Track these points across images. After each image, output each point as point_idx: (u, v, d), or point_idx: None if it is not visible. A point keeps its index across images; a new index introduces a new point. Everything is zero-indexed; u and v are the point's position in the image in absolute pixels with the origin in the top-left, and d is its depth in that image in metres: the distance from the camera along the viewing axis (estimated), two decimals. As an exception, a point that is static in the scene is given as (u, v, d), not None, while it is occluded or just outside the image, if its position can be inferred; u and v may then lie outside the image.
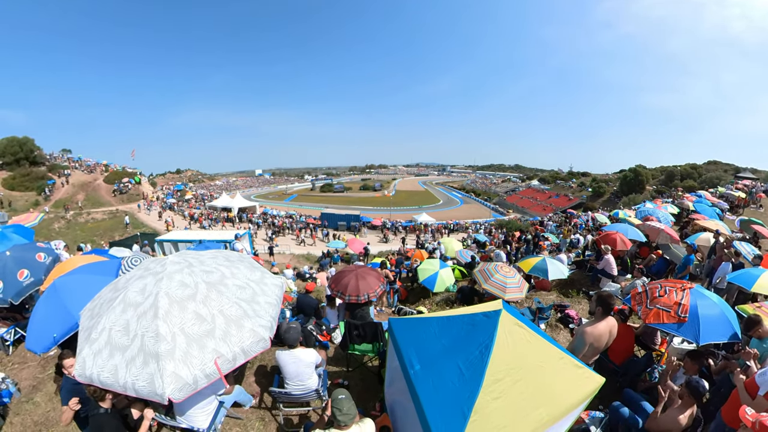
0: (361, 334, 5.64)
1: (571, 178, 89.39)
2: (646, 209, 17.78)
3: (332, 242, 27.28)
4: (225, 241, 16.90)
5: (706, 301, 4.92)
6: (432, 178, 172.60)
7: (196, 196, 54.04)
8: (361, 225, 41.35)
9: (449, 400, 3.02)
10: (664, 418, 3.74)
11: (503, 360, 3.23)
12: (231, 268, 4.16)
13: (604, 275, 9.63)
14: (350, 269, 7.57)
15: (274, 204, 68.84)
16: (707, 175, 55.12)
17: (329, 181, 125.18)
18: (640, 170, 61.86)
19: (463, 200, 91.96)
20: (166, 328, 3.22)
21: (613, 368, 5.28)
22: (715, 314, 4.77)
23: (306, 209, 60.08)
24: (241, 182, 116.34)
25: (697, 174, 57.27)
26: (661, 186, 55.92)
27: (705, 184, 43.16)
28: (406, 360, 3.53)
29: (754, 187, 32.22)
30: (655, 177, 62.54)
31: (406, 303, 11.37)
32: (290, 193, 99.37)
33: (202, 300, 3.52)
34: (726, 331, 4.68)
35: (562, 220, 31.43)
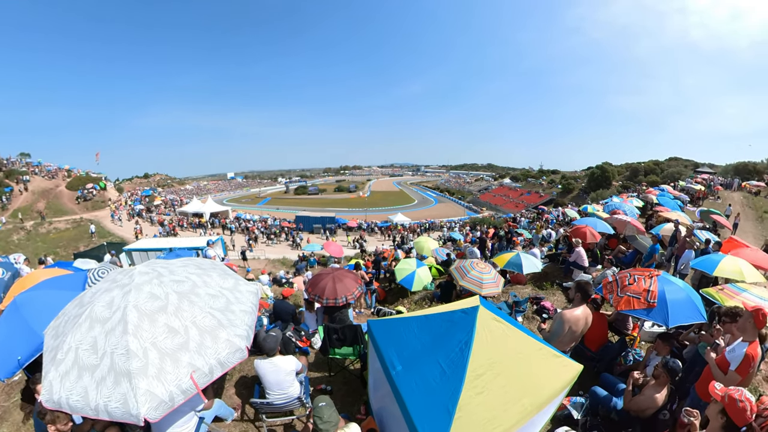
0: (341, 338, 5.55)
1: (542, 175, 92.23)
2: (613, 203, 18.65)
3: (308, 245, 26.90)
4: (197, 248, 16.36)
5: (672, 286, 5.17)
6: (407, 179, 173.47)
7: (165, 202, 51.67)
8: (336, 227, 41.15)
9: (433, 398, 3.02)
10: (642, 398, 3.89)
11: (483, 355, 3.27)
12: (203, 276, 3.99)
13: (576, 267, 9.91)
14: (327, 272, 7.47)
15: (247, 208, 66.93)
16: (669, 170, 57.66)
17: (303, 184, 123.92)
18: (606, 167, 64.30)
19: (437, 200, 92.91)
20: (136, 344, 3.04)
21: (589, 355, 5.49)
22: (682, 298, 5.03)
23: (280, 212, 59.30)
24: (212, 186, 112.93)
25: (659, 170, 59.93)
26: (626, 181, 58.21)
27: (667, 179, 45.19)
28: (387, 361, 3.53)
29: (711, 181, 35.23)
30: (621, 173, 65.11)
31: (384, 303, 11.36)
32: (264, 197, 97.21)
33: (173, 312, 3.35)
34: (692, 313, 4.92)
35: (534, 216, 32.31)
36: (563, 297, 8.94)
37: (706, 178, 37.45)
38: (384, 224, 44.24)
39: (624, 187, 49.35)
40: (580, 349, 5.43)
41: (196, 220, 38.47)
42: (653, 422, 3.85)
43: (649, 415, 3.87)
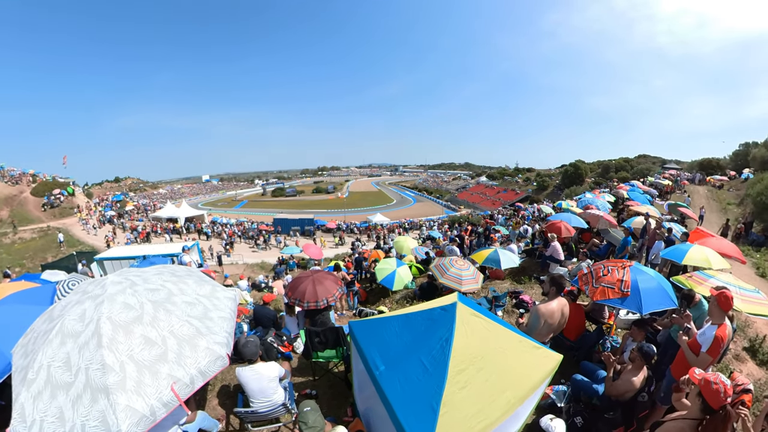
0: (323, 341, 5.48)
1: (518, 173, 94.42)
2: (586, 199, 19.29)
3: (287, 248, 26.48)
4: (172, 255, 15.84)
5: (644, 275, 5.38)
6: (385, 179, 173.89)
7: (137, 207, 49.61)
8: (315, 229, 40.85)
9: (417, 396, 3.04)
10: (621, 382, 4.08)
11: (465, 350, 3.32)
12: (178, 284, 3.90)
13: (552, 261, 10.18)
14: (306, 275, 7.38)
15: (223, 212, 65.76)
16: (638, 167, 59.86)
17: (281, 185, 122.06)
18: (579, 165, 66.80)
19: (416, 199, 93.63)
20: (112, 358, 2.91)
21: (568, 344, 5.67)
22: (654, 286, 5.24)
23: (258, 215, 58.39)
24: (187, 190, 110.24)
25: (629, 166, 62.23)
26: (598, 178, 60.34)
27: (637, 175, 47.10)
28: (370, 362, 3.53)
29: (678, 176, 36.79)
30: (593, 170, 67.40)
31: (366, 304, 11.34)
32: (240, 199, 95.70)
33: (149, 322, 3.24)
34: (664, 300, 5.15)
35: (511, 213, 32.86)
36: (541, 290, 9.13)
37: (673, 174, 39.34)
38: (363, 225, 44.32)
39: (596, 184, 51.09)
40: (559, 339, 5.60)
41: (171, 226, 37.11)
42: (633, 404, 4.07)
43: (629, 398, 4.07)
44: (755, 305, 5.39)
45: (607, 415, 4.10)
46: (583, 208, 15.73)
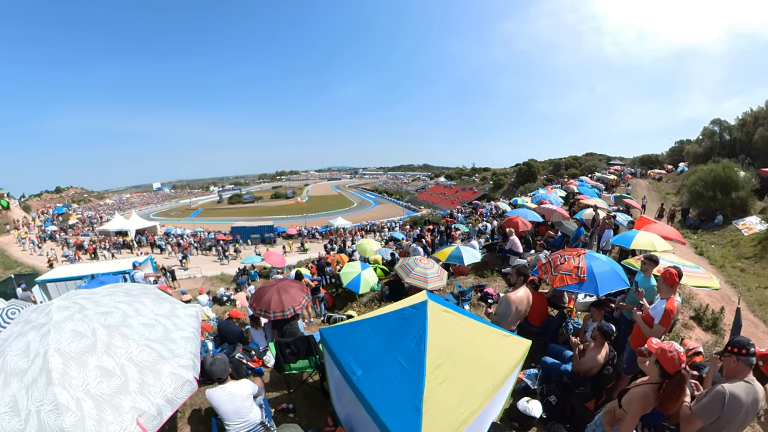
0: (295, 351, 5.30)
1: (475, 173, 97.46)
2: (540, 195, 20.23)
3: (247, 258, 25.49)
4: (123, 272, 14.77)
5: (597, 261, 5.78)
6: (345, 182, 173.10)
7: (82, 220, 45.76)
8: (276, 236, 39.89)
9: (399, 396, 3.05)
10: (586, 359, 4.44)
11: (439, 346, 3.38)
12: (133, 304, 3.62)
13: (511, 254, 10.57)
14: (270, 284, 7.13)
15: (177, 222, 61.93)
16: (586, 164, 64.29)
17: (238, 192, 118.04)
18: (532, 163, 70.17)
19: (376, 201, 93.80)
20: (66, 395, 2.59)
21: (534, 330, 5.94)
22: (607, 270, 5.66)
23: (214, 224, 55.67)
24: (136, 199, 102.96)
25: (578, 164, 66.52)
26: (550, 175, 63.48)
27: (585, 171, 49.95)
28: (346, 367, 3.49)
29: (622, 171, 40.80)
30: (545, 168, 70.84)
31: (334, 310, 11.20)
32: (195, 208, 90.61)
33: (104, 350, 2.94)
34: (617, 281, 5.60)
35: (470, 211, 33.82)
36: (503, 282, 9.43)
37: (617, 169, 42.93)
38: (324, 229, 43.80)
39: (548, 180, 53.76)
40: (525, 326, 5.86)
41: (120, 240, 34.30)
42: (600, 378, 4.42)
43: (596, 372, 4.41)
44: (697, 279, 6.16)
45: (578, 391, 4.42)
46: (537, 203, 16.42)
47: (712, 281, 6.45)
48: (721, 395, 2.77)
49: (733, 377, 2.87)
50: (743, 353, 2.84)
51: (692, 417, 2.89)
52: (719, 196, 19.53)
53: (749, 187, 20.10)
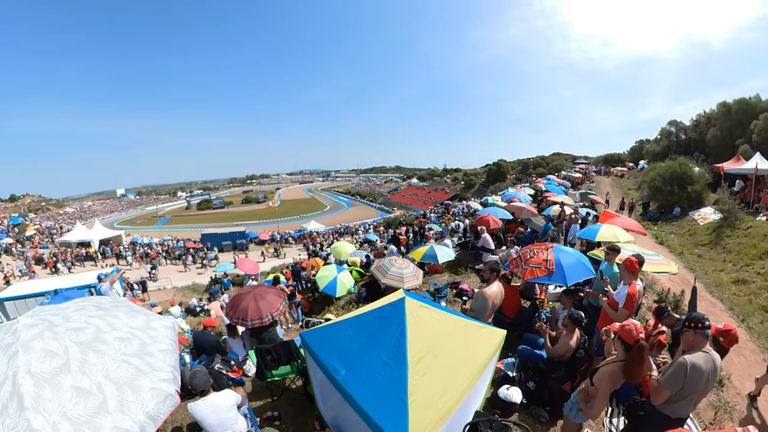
0: (276, 358, 5.23)
1: (446, 174, 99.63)
2: (510, 193, 21.10)
3: (219, 266, 24.77)
4: (89, 287, 13.99)
5: (565, 254, 6.10)
6: (317, 185, 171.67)
7: (41, 231, 42.86)
8: (248, 242, 39.05)
9: (384, 391, 3.11)
10: (559, 345, 4.72)
11: (419, 340, 3.48)
12: (106, 318, 3.45)
13: (484, 251, 10.86)
14: (246, 291, 7.03)
15: (143, 230, 59.41)
16: (553, 163, 66.67)
17: (207, 197, 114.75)
18: (502, 163, 72.60)
19: (350, 204, 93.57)
20: (41, 420, 2.40)
21: (508, 321, 6.18)
22: (574, 262, 5.98)
23: (183, 232, 53.87)
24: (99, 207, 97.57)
25: (545, 163, 68.89)
26: (519, 174, 65.57)
27: (552, 170, 52.17)
28: (330, 368, 3.53)
29: (587, 169, 43.54)
30: (514, 168, 73.15)
31: (311, 314, 11.13)
32: (162, 215, 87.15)
33: (78, 368, 2.76)
34: (584, 271, 5.94)
35: (442, 211, 34.34)
36: (477, 279, 9.64)
37: (582, 168, 46.06)
38: (298, 233, 43.27)
39: (517, 179, 55.35)
40: (500, 317, 6.09)
41: (83, 251, 32.03)
42: (574, 361, 4.69)
43: (569, 356, 4.69)
44: (657, 265, 6.82)
45: (554, 375, 4.70)
46: (507, 201, 16.99)
47: (670, 267, 7.08)
48: (684, 366, 3.06)
49: (692, 349, 3.16)
50: (699, 327, 3.14)
51: (660, 388, 3.17)
52: (676, 190, 21.25)
53: (703, 182, 21.78)
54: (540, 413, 4.59)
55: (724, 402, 5.45)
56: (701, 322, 3.16)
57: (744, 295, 11.60)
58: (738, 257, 14.26)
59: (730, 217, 16.69)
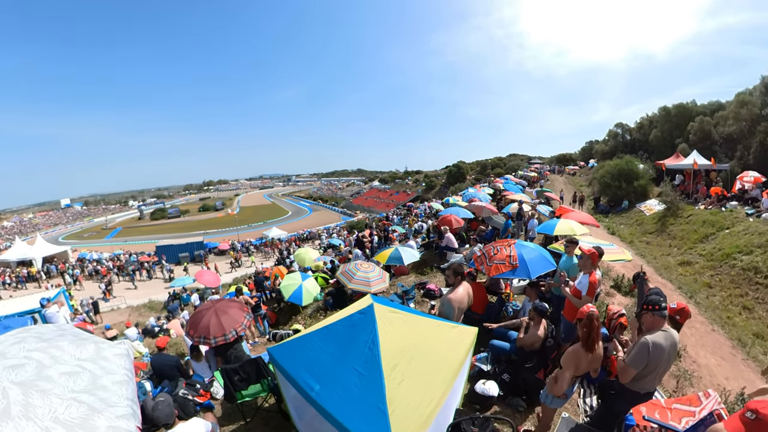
0: (244, 377, 4.95)
1: (407, 176, 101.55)
2: (470, 193, 21.62)
3: (177, 280, 23.25)
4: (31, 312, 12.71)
5: (526, 249, 6.35)
6: (278, 190, 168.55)
7: None
8: (207, 252, 37.50)
9: (362, 403, 3.03)
10: (527, 336, 4.98)
11: (392, 346, 3.43)
12: (48, 350, 3.06)
13: (448, 250, 11.08)
14: (206, 307, 6.59)
15: (92, 245, 55.50)
16: (510, 163, 70.93)
17: (161, 206, 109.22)
18: (461, 165, 74.88)
19: (311, 208, 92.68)
20: None
21: (477, 318, 6.31)
22: (536, 255, 6.25)
23: (136, 244, 51.02)
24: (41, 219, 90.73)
25: (503, 163, 72.76)
26: (478, 175, 68.39)
27: (509, 170, 55.42)
28: (302, 384, 3.40)
29: (542, 169, 46.67)
30: (473, 169, 76.00)
31: (278, 326, 10.81)
32: (112, 227, 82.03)
33: (21, 414, 2.37)
34: (546, 264, 6.21)
35: (405, 213, 34.76)
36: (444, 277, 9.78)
37: (537, 167, 49.02)
38: (259, 241, 42.08)
39: (477, 180, 57.59)
40: (469, 314, 6.21)
41: (24, 271, 29.06)
42: (544, 350, 4.95)
43: (539, 346, 4.94)
44: (612, 254, 7.24)
45: (527, 365, 4.90)
46: (468, 201, 17.38)
47: (624, 254, 7.61)
48: (646, 345, 3.31)
49: (652, 329, 3.42)
50: (657, 309, 3.42)
51: (626, 367, 3.43)
52: (624, 185, 23.47)
53: (648, 177, 24.20)
54: (517, 403, 4.76)
55: (683, 371, 5.90)
56: (658, 304, 3.43)
57: (689, 275, 12.99)
58: (682, 242, 15.74)
59: (673, 207, 18.59)
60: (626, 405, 3.57)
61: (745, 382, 6.24)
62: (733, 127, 26.08)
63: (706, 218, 16.05)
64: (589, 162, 43.63)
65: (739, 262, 12.36)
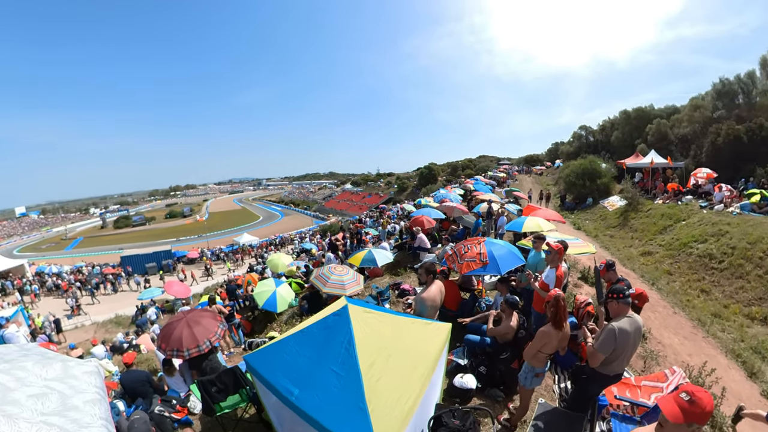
0: (222, 388, 4.78)
1: (380, 178, 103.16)
2: (441, 194, 22.00)
3: (145, 292, 22.07)
4: None
5: (496, 246, 6.55)
6: (248, 194, 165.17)
7: None
8: (175, 262, 36.25)
9: (342, 404, 3.07)
10: (500, 328, 5.22)
11: (368, 345, 3.49)
12: (12, 372, 2.88)
13: (421, 250, 11.26)
14: (177, 318, 6.35)
15: (51, 257, 52.13)
16: (480, 165, 72.67)
17: (125, 213, 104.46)
18: (432, 167, 76.16)
19: (283, 213, 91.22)
20: None
21: (452, 314, 6.43)
22: (505, 252, 6.46)
23: (99, 255, 48.24)
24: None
25: (473, 165, 74.20)
26: (449, 176, 69.73)
27: (479, 171, 56.69)
28: (282, 390, 3.40)
29: (510, 169, 49.19)
30: (444, 170, 77.27)
31: (253, 334, 10.66)
32: (73, 237, 77.46)
33: None
34: (515, 260, 6.46)
35: (378, 215, 34.83)
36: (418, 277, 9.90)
37: (506, 168, 51.63)
38: (230, 248, 40.98)
39: (448, 181, 58.77)
40: (444, 311, 6.35)
41: None
42: (517, 341, 5.20)
43: (512, 337, 5.20)
44: (578, 248, 7.76)
45: (502, 356, 5.13)
46: (439, 202, 17.68)
47: (589, 247, 8.09)
48: (612, 331, 3.56)
49: (617, 316, 3.68)
50: (621, 297, 3.68)
51: (595, 352, 3.67)
52: (588, 183, 25.25)
53: (610, 175, 26.19)
54: (496, 393, 4.97)
55: (649, 351, 6.41)
56: (622, 292, 3.70)
57: (651, 264, 14.09)
58: (643, 234, 16.93)
59: (634, 202, 20.18)
60: (598, 387, 3.92)
61: (706, 357, 6.86)
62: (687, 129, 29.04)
63: (664, 212, 17.48)
64: (555, 162, 46.02)
65: (695, 250, 13.51)
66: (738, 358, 7.89)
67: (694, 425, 2.05)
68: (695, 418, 2.03)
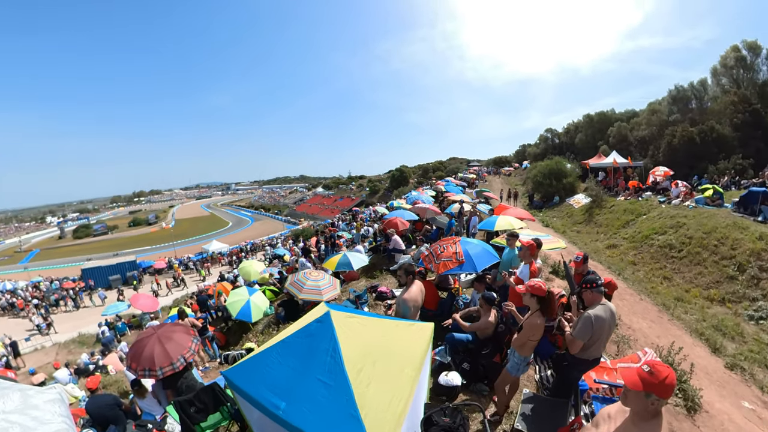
0: (201, 407, 4.51)
1: (351, 181, 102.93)
2: (413, 196, 22.29)
3: (109, 307, 20.73)
4: None
5: (470, 245, 6.67)
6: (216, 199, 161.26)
7: None
8: (141, 273, 34.66)
9: (333, 413, 2.98)
10: (479, 324, 5.33)
11: (354, 351, 3.41)
12: None
13: (396, 252, 11.36)
14: (147, 334, 5.93)
15: (5, 272, 48.75)
16: (450, 166, 74.24)
17: (85, 222, 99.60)
18: (404, 169, 76.71)
19: (253, 218, 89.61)
20: None
21: (432, 314, 6.57)
22: (480, 250, 6.59)
23: (58, 269, 45.55)
24: None
25: (443, 167, 75.85)
26: (420, 178, 70.71)
27: (450, 173, 58.25)
28: (267, 405, 3.24)
29: (480, 171, 50.88)
30: (416, 172, 78.17)
31: (228, 347, 10.31)
32: (28, 249, 72.99)
33: None
34: (490, 257, 6.60)
35: (351, 218, 34.73)
36: (394, 279, 9.98)
37: (476, 169, 52.98)
38: (199, 256, 39.66)
39: (419, 183, 59.75)
40: (424, 312, 6.37)
41: None
42: (497, 336, 5.34)
43: (491, 332, 5.31)
44: (549, 244, 8.02)
45: (484, 351, 5.24)
46: (411, 203, 17.87)
47: (559, 243, 8.47)
48: (589, 318, 3.75)
49: (592, 304, 3.89)
50: (594, 286, 3.91)
51: (574, 340, 3.85)
52: (554, 183, 26.80)
53: (575, 175, 27.88)
54: (481, 388, 5.09)
55: (621, 336, 6.82)
56: (595, 282, 3.94)
57: (616, 256, 15.17)
58: (607, 229, 18.07)
59: (598, 199, 21.55)
60: (578, 373, 4.16)
61: (673, 338, 7.29)
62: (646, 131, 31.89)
63: (626, 207, 18.84)
64: (522, 163, 47.88)
65: (656, 241, 14.62)
66: (701, 336, 8.59)
67: (653, 396, 2.11)
68: (653, 388, 2.09)
